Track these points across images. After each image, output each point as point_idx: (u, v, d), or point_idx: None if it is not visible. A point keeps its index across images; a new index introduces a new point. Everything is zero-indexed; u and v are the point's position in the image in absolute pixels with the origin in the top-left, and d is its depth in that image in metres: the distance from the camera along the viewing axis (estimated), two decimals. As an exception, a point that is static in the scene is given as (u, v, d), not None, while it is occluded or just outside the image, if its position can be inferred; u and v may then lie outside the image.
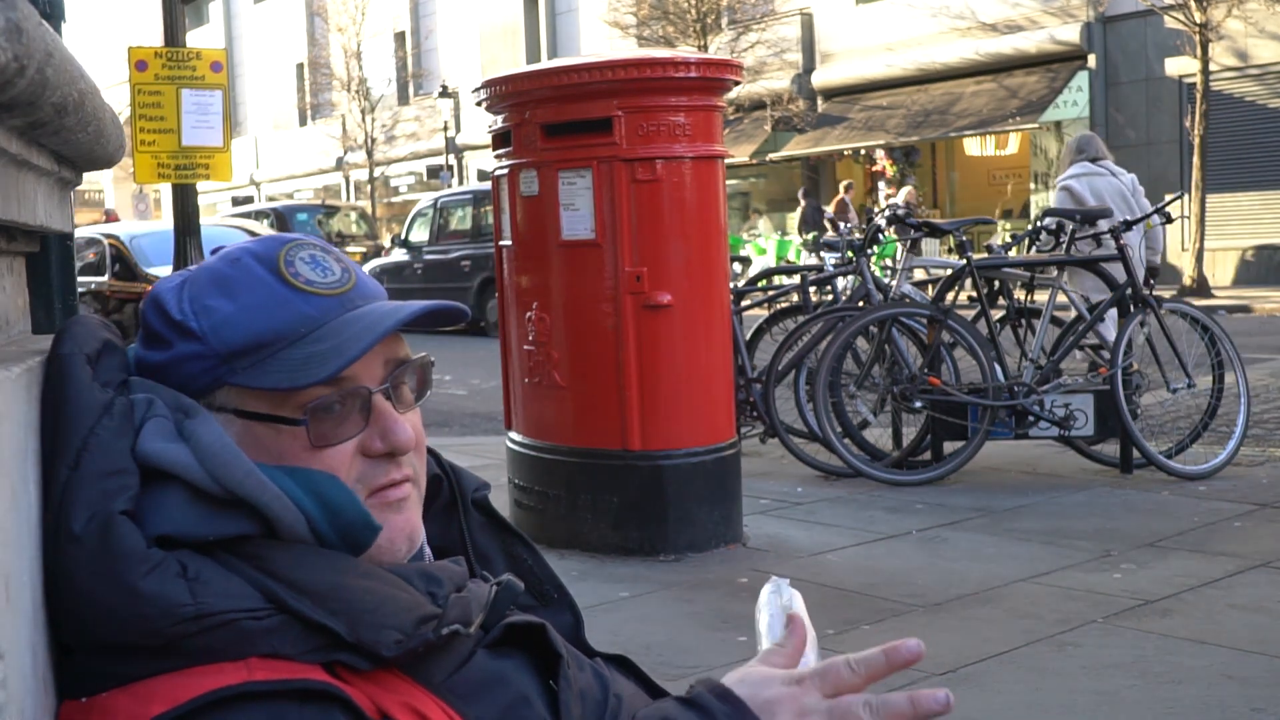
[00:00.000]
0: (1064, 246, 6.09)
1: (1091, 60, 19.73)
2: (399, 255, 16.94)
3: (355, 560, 1.01)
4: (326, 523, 1.00)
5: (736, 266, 15.79)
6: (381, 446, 1.05)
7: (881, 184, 22.19)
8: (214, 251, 1.12)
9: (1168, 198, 6.52)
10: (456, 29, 31.82)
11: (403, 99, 33.54)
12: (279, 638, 0.93)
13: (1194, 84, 17.21)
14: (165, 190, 9.10)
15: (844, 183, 20.92)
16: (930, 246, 15.77)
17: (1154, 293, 5.78)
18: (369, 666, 0.96)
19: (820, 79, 23.31)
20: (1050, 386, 5.70)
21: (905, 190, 19.27)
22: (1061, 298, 6.02)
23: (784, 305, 6.99)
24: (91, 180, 39.03)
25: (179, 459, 0.98)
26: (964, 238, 6.08)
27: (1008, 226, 18.89)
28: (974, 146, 21.22)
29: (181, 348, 1.04)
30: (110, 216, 24.57)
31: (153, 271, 10.84)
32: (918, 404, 5.77)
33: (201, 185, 6.89)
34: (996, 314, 6.10)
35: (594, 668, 1.17)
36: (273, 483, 0.99)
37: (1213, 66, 16.92)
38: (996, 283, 6.16)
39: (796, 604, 1.18)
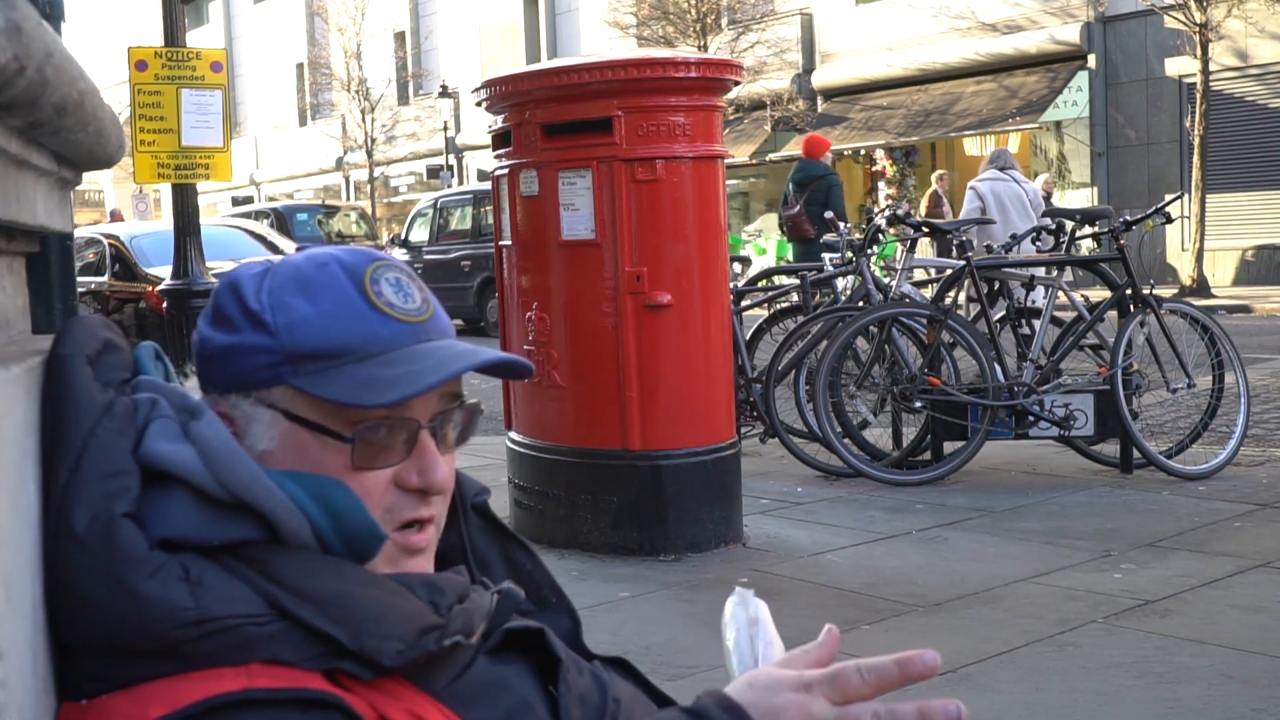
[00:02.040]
0: (1064, 246, 6.09)
1: (1091, 60, 19.73)
2: (399, 255, 16.93)
3: (359, 568, 1.01)
4: (331, 530, 1.00)
5: (736, 266, 15.78)
6: (417, 482, 1.05)
7: (881, 184, 22.17)
8: (300, 248, 1.11)
9: (1168, 198, 6.52)
10: (456, 29, 31.82)
11: (403, 99, 33.54)
12: (280, 644, 0.93)
13: (1194, 84, 17.21)
14: (165, 190, 9.09)
15: (936, 173, 20.60)
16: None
17: (1153, 292, 5.78)
18: (370, 675, 0.95)
19: (820, 79, 23.31)
20: (1050, 386, 5.70)
21: (1042, 178, 18.58)
22: (1061, 298, 6.02)
23: (784, 305, 6.99)
24: (91, 180, 39.06)
25: (184, 461, 0.98)
26: (964, 238, 6.08)
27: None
28: (974, 146, 21.21)
29: (250, 337, 1.03)
30: (115, 216, 24.61)
31: (152, 272, 10.82)
32: (918, 404, 5.77)
33: (201, 185, 6.89)
34: (996, 314, 6.11)
35: (593, 671, 1.16)
36: (278, 488, 0.98)
37: (1213, 66, 16.92)
38: (996, 283, 6.17)
39: (763, 614, 1.15)
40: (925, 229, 6.28)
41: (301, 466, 1.01)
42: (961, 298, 6.29)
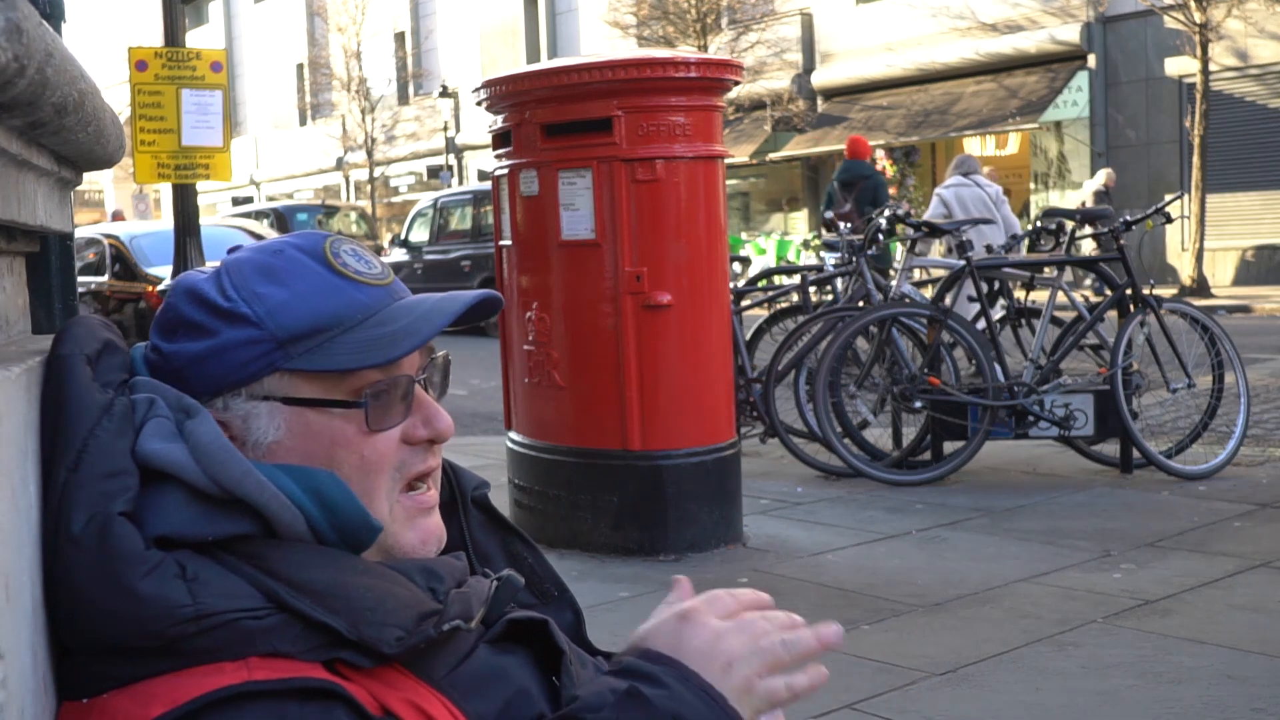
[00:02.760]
0: (1063, 246, 6.09)
1: (1091, 60, 19.73)
2: (399, 255, 16.93)
3: (355, 557, 1.02)
4: (325, 521, 1.01)
5: (736, 266, 15.78)
6: (425, 433, 1.07)
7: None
8: (230, 250, 1.11)
9: (1168, 198, 6.53)
10: (456, 29, 31.83)
11: (403, 99, 33.54)
12: (279, 637, 0.93)
13: (1194, 84, 17.21)
14: (165, 190, 9.10)
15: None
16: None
17: (1154, 292, 5.78)
18: (370, 664, 0.96)
19: (820, 79, 23.31)
20: (1050, 386, 5.70)
21: (1104, 173, 18.26)
22: (1061, 298, 6.02)
23: (784, 305, 6.99)
24: (91, 180, 39.09)
25: (176, 459, 0.98)
26: (964, 238, 6.08)
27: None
28: (974, 146, 21.21)
29: (230, 334, 1.02)
30: (117, 216, 24.70)
31: (152, 271, 10.83)
32: (918, 404, 5.77)
33: (201, 185, 6.90)
34: (996, 314, 6.10)
35: (595, 665, 1.17)
36: (270, 482, 0.99)
37: (1213, 66, 16.92)
38: (996, 283, 6.16)
39: None
40: (925, 229, 6.28)
41: (313, 447, 1.02)
42: (960, 303, 6.28)
